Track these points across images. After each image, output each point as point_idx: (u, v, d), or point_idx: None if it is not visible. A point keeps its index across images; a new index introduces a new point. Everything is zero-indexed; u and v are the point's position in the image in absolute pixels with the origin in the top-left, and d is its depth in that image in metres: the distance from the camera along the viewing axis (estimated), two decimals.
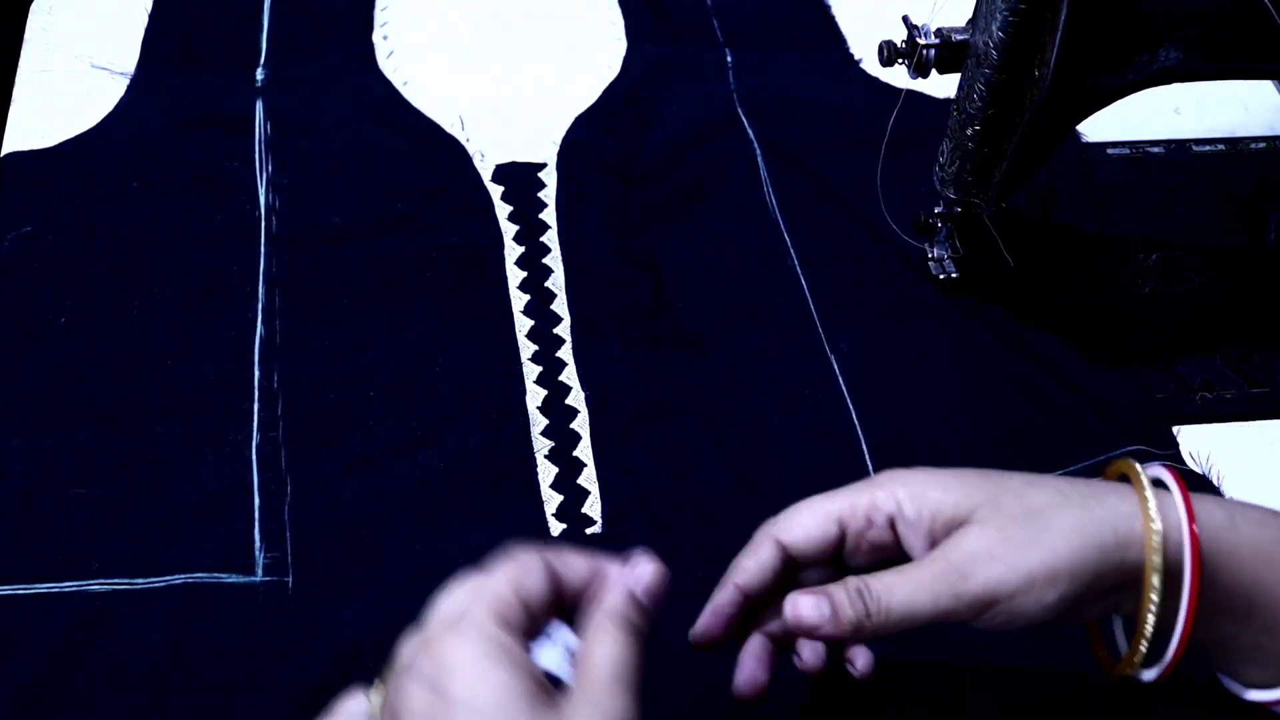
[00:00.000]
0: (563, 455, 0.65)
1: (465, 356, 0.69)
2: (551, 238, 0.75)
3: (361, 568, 0.60)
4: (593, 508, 0.63)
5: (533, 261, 0.74)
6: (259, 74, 0.83)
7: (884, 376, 0.70)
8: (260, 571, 0.60)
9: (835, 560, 0.48)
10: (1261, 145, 0.84)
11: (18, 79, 0.82)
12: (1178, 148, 0.83)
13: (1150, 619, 0.44)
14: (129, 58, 0.84)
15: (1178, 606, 0.44)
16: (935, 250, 0.74)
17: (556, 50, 0.87)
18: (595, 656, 0.41)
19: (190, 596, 0.59)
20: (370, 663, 0.57)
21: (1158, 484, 0.46)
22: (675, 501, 0.63)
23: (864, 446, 0.66)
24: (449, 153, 0.79)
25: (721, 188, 0.79)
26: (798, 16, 0.90)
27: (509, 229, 0.75)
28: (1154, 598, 0.44)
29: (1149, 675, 0.46)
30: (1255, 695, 0.47)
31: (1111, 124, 0.81)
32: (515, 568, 0.43)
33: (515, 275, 0.73)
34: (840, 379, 0.69)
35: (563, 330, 0.71)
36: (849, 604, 0.45)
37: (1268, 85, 0.88)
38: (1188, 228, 0.79)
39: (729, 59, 0.87)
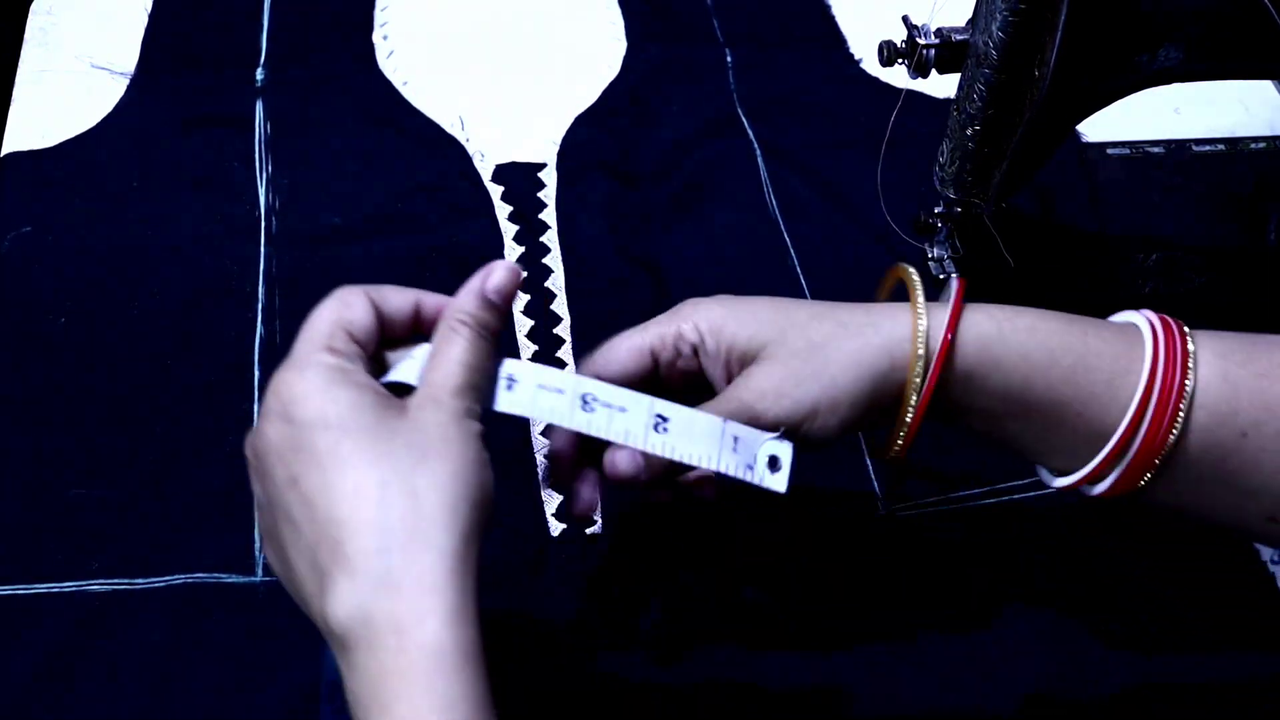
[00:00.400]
0: None
1: None
2: (551, 238, 0.75)
3: None
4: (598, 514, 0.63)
5: (532, 261, 0.74)
6: (259, 74, 0.83)
7: None
8: (260, 571, 0.60)
9: (654, 385, 0.51)
10: (1261, 145, 0.84)
11: (18, 79, 0.82)
12: (1178, 148, 0.83)
13: (908, 419, 0.49)
14: (129, 58, 0.84)
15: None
16: (935, 250, 0.74)
17: (556, 50, 0.87)
18: (440, 357, 0.44)
19: (190, 597, 0.59)
20: None
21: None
22: (674, 502, 0.63)
23: (864, 446, 0.66)
24: (449, 153, 0.79)
25: (721, 188, 0.79)
26: (798, 16, 0.90)
27: (509, 229, 0.75)
28: (911, 403, 0.49)
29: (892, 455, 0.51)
30: (1058, 482, 0.51)
31: (1111, 124, 0.81)
32: (334, 303, 0.45)
33: None
34: None
35: (562, 330, 0.71)
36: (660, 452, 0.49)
37: (1268, 85, 0.88)
38: (1188, 228, 0.79)
39: (729, 59, 0.87)
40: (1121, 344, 0.50)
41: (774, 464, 0.50)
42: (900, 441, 0.50)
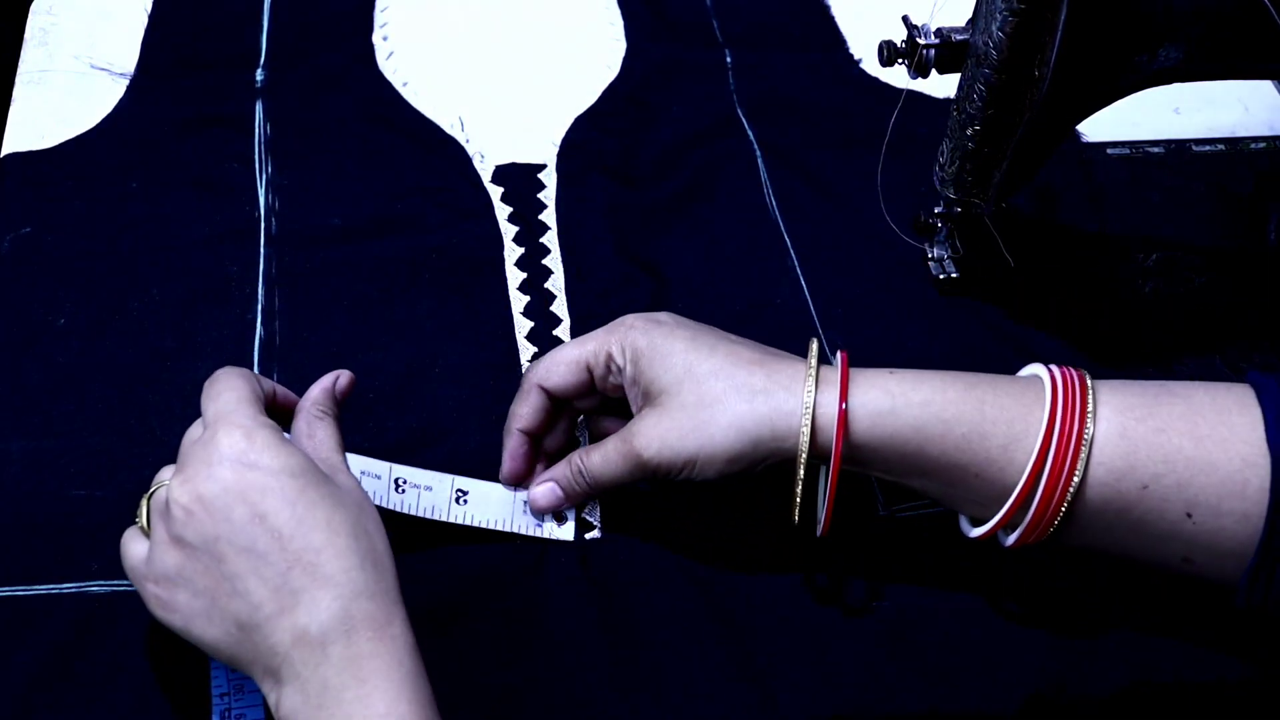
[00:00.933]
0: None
1: (465, 358, 0.69)
2: (551, 239, 0.75)
3: None
4: (591, 512, 0.63)
5: (532, 263, 0.74)
6: (258, 75, 0.83)
7: None
8: None
9: (593, 391, 0.59)
10: (1261, 145, 0.84)
11: (17, 79, 0.82)
12: (1178, 148, 0.83)
13: (797, 493, 0.55)
14: (129, 59, 0.84)
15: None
16: (935, 250, 0.74)
17: (556, 51, 0.87)
18: (319, 438, 0.54)
19: None
20: None
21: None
22: (674, 504, 0.63)
23: None
24: (449, 154, 0.79)
25: (721, 188, 0.79)
26: (797, 17, 0.90)
27: (509, 230, 0.75)
28: (800, 476, 0.54)
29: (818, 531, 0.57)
30: (973, 531, 0.55)
31: (1111, 124, 0.81)
32: (238, 379, 0.53)
33: (515, 276, 0.73)
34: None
35: (562, 332, 0.71)
36: (571, 482, 0.59)
37: (1268, 85, 0.88)
38: (1188, 228, 0.79)
39: (729, 60, 0.87)
40: (1019, 408, 0.53)
41: (560, 517, 0.61)
42: (795, 512, 0.56)
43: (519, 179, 0.78)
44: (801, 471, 0.54)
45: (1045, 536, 0.53)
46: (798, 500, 0.55)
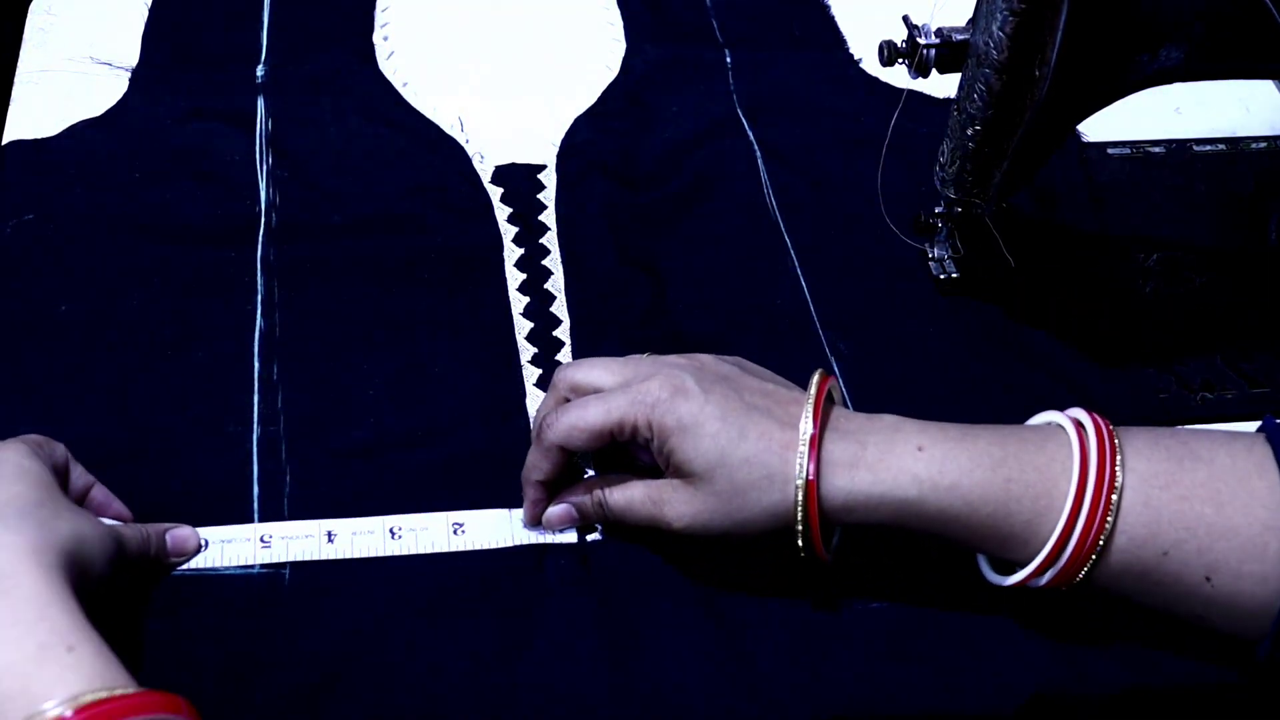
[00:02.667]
0: None
1: (464, 358, 0.69)
2: (551, 239, 0.75)
3: (359, 563, 0.60)
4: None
5: (532, 263, 0.74)
6: (259, 71, 0.83)
7: (884, 377, 0.70)
8: (259, 564, 0.60)
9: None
10: (1262, 145, 0.84)
11: (17, 77, 0.82)
12: (1178, 148, 0.83)
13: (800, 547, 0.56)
14: (130, 54, 0.84)
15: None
16: (935, 250, 0.74)
17: (556, 51, 0.87)
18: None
19: (188, 588, 0.58)
20: (369, 657, 0.57)
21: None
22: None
23: None
24: (448, 154, 0.79)
25: (721, 189, 0.79)
26: (797, 17, 0.90)
27: (508, 230, 0.75)
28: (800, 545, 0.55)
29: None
30: (1007, 581, 0.56)
31: (1111, 124, 0.81)
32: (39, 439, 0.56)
33: (515, 277, 0.73)
34: (840, 380, 0.69)
35: (562, 333, 0.71)
36: (589, 511, 0.60)
37: (1268, 85, 0.88)
38: (1188, 228, 0.79)
39: (728, 60, 0.87)
40: (1044, 484, 0.53)
41: None
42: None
43: (519, 179, 0.78)
44: (799, 546, 0.56)
45: (1064, 591, 0.55)
46: (802, 554, 0.56)
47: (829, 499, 0.54)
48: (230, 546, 0.60)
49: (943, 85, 0.67)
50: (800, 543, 0.55)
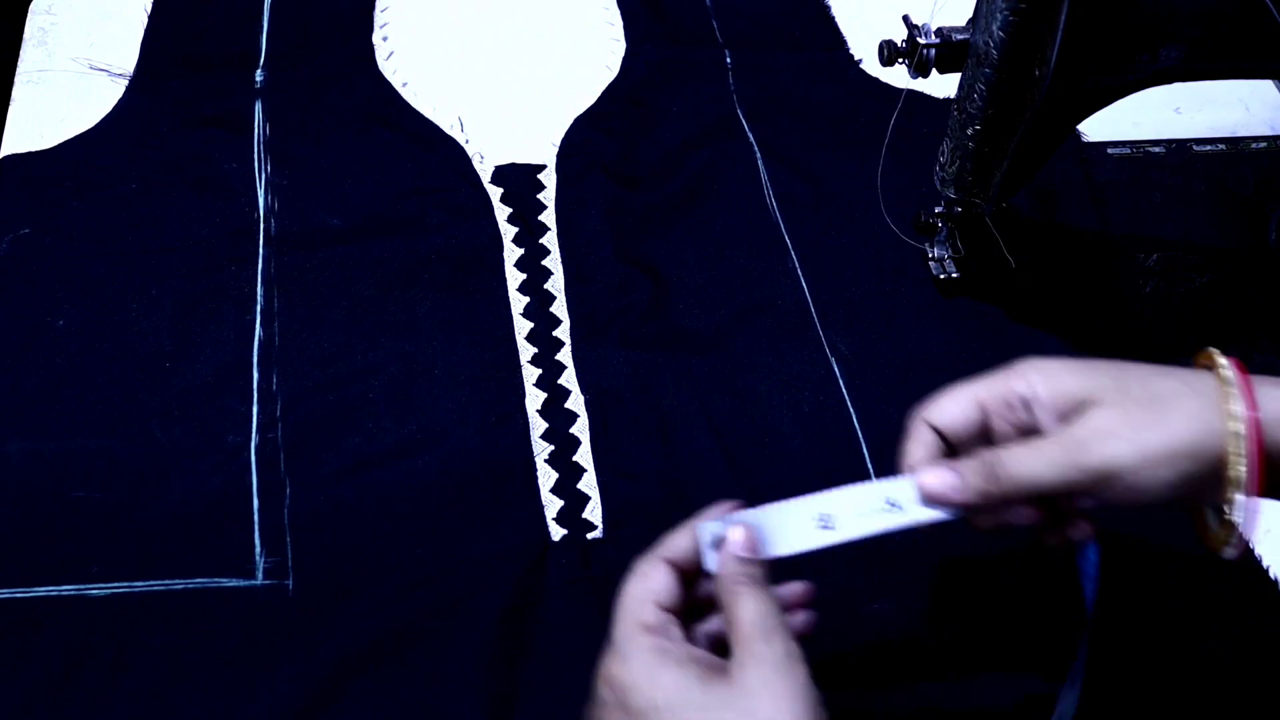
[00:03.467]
0: (563, 460, 0.65)
1: (465, 359, 0.69)
2: (551, 239, 0.75)
3: (362, 571, 0.60)
4: (593, 513, 0.63)
5: (532, 263, 0.74)
6: (258, 75, 0.83)
7: (884, 377, 0.70)
8: (260, 575, 0.60)
9: (989, 440, 0.51)
10: (1262, 145, 0.84)
11: (16, 79, 0.82)
12: (1178, 147, 0.83)
13: (1234, 503, 0.47)
14: (128, 59, 0.84)
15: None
16: (935, 250, 0.74)
17: (556, 52, 0.87)
18: (736, 619, 0.46)
19: (191, 601, 0.58)
20: (371, 667, 0.57)
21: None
22: (676, 505, 0.63)
23: (864, 447, 0.66)
24: (448, 154, 0.79)
25: (721, 189, 0.79)
26: (797, 17, 0.90)
27: (508, 230, 0.75)
28: (1238, 488, 0.47)
29: (1230, 554, 0.49)
30: None
31: (1111, 124, 0.81)
32: (635, 580, 0.47)
33: (515, 277, 0.73)
34: (840, 380, 0.69)
35: (562, 333, 0.71)
36: (973, 473, 0.49)
37: (1268, 85, 0.88)
38: (1188, 228, 0.79)
39: (728, 60, 0.87)
40: None
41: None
42: (1231, 530, 0.48)
43: (519, 179, 0.78)
44: (1236, 481, 0.47)
45: None
46: (1231, 519, 0.48)
47: (1268, 410, 0.47)
48: None
49: (943, 85, 0.67)
50: (1232, 474, 0.47)
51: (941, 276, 0.73)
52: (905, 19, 0.65)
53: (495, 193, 0.77)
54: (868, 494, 0.51)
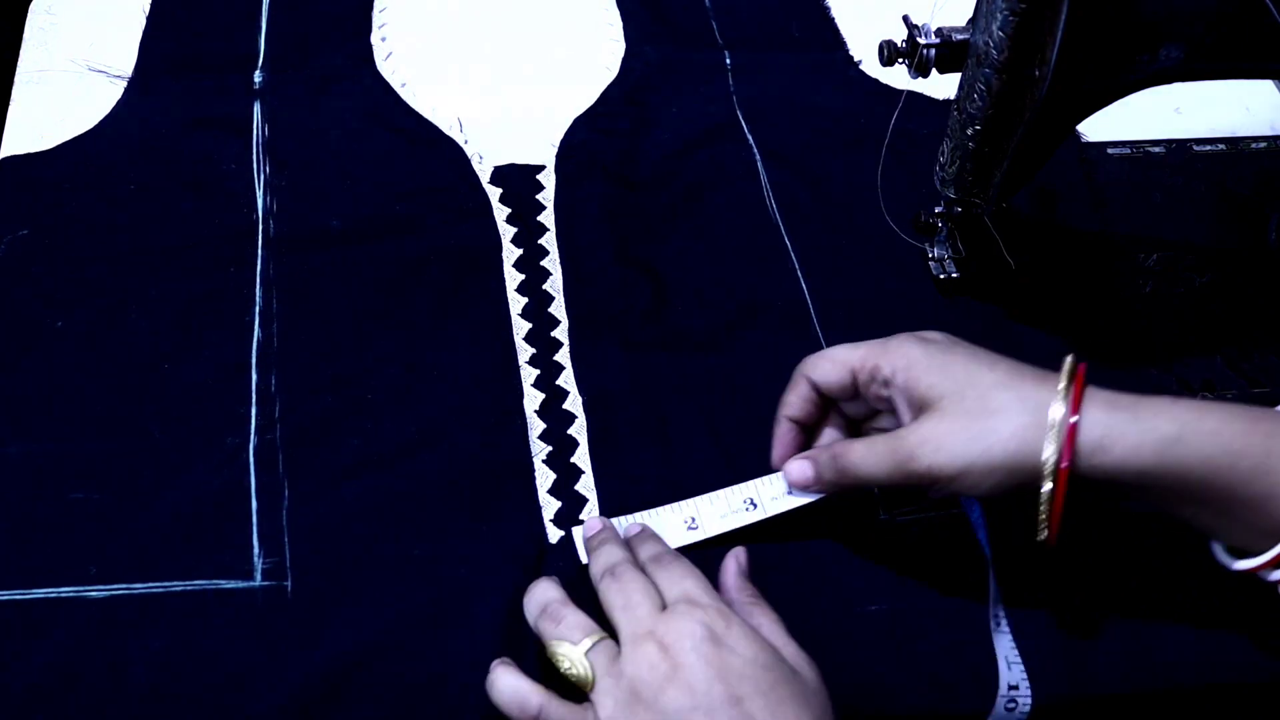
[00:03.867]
0: (560, 461, 0.65)
1: (463, 359, 0.69)
2: (550, 240, 0.75)
3: (360, 572, 0.60)
4: (591, 513, 0.63)
5: (531, 264, 0.74)
6: (257, 76, 0.83)
7: None
8: (259, 577, 0.60)
9: (858, 397, 0.58)
10: (1262, 145, 0.84)
11: (16, 80, 0.82)
12: (1178, 148, 0.83)
13: (1045, 511, 0.52)
14: (126, 60, 0.84)
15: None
16: (935, 250, 0.74)
17: (555, 52, 0.87)
18: (765, 628, 0.54)
19: (189, 602, 0.58)
20: (370, 668, 0.57)
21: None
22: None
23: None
24: (447, 155, 0.79)
25: (720, 190, 0.79)
26: (797, 18, 0.90)
27: (507, 231, 0.75)
28: (1043, 505, 0.52)
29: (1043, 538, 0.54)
30: (1236, 564, 0.53)
31: (1111, 124, 0.81)
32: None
33: (513, 278, 0.73)
34: None
35: (561, 333, 0.70)
36: (825, 468, 0.57)
37: (1268, 85, 0.88)
38: (1188, 228, 0.79)
39: (728, 61, 0.87)
40: None
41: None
42: (1046, 531, 0.53)
43: (518, 180, 0.78)
44: (1051, 487, 0.52)
45: None
46: (1044, 518, 0.53)
47: (1086, 432, 0.51)
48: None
49: (943, 85, 0.67)
50: (1043, 486, 0.51)
51: (941, 276, 0.73)
52: (905, 19, 0.65)
53: (494, 193, 0.77)
54: (730, 496, 0.61)
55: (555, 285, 0.73)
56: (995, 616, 0.59)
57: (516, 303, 0.72)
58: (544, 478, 0.64)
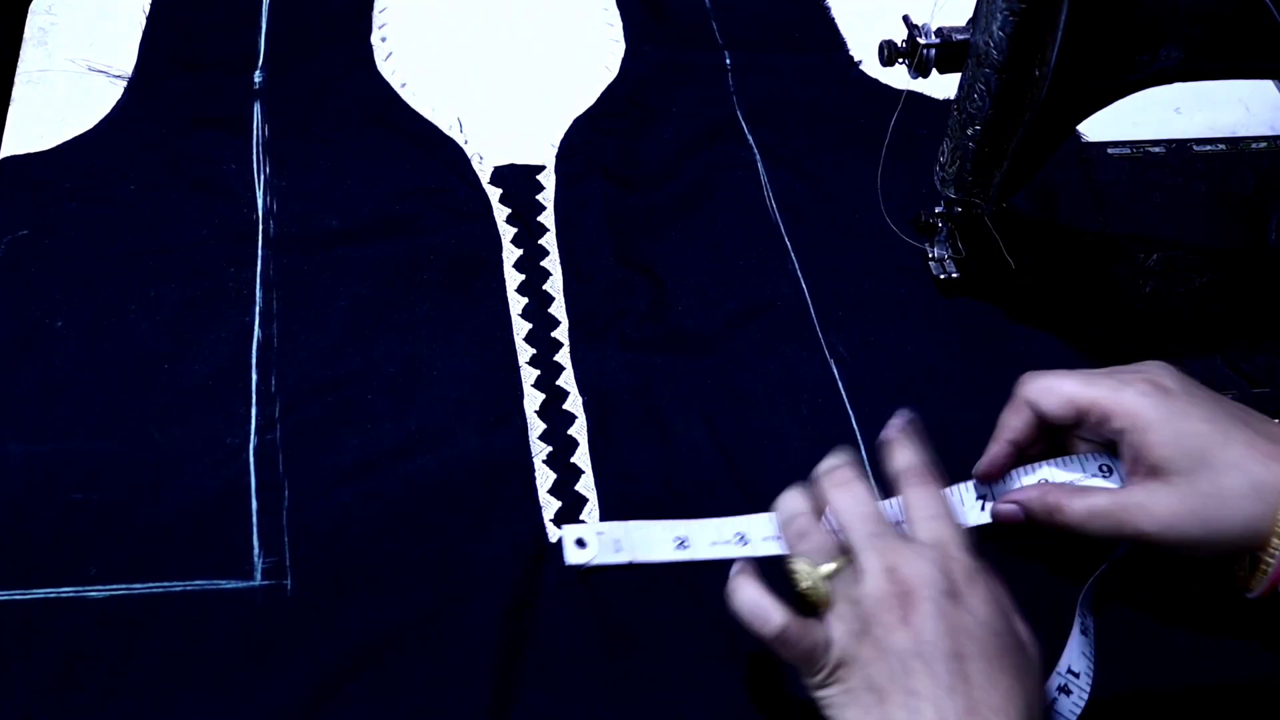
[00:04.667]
0: (560, 461, 0.65)
1: (463, 360, 0.69)
2: (550, 240, 0.75)
3: (360, 572, 0.60)
4: (591, 514, 0.63)
5: (531, 264, 0.74)
6: (257, 76, 0.83)
7: (884, 378, 0.69)
8: (259, 576, 0.60)
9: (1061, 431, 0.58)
10: (1262, 145, 0.84)
11: (16, 80, 0.82)
12: (1178, 147, 0.83)
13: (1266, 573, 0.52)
14: (126, 60, 0.84)
15: None
16: (935, 250, 0.74)
17: (555, 52, 0.87)
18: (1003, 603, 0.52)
19: (189, 602, 0.58)
20: (369, 667, 0.57)
21: None
22: (674, 507, 0.63)
23: (862, 448, 0.66)
24: (447, 155, 0.79)
25: (720, 190, 0.79)
26: (797, 19, 0.90)
27: (507, 231, 0.75)
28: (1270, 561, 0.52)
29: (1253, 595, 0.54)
30: None
31: (1111, 124, 0.81)
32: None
33: (513, 278, 0.73)
34: (839, 381, 0.69)
35: (560, 334, 0.70)
36: (1039, 512, 0.56)
37: (1268, 85, 0.88)
38: (1188, 228, 0.79)
39: (728, 61, 0.87)
40: None
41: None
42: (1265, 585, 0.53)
43: (518, 180, 0.78)
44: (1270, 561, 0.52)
45: None
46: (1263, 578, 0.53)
47: None
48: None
49: (943, 85, 0.67)
50: (1268, 567, 0.52)
51: (941, 276, 0.73)
52: (905, 19, 0.65)
53: (494, 193, 0.77)
54: (722, 527, 0.60)
55: (555, 285, 0.73)
56: (1083, 617, 0.59)
57: (516, 303, 0.72)
58: (544, 478, 0.64)
